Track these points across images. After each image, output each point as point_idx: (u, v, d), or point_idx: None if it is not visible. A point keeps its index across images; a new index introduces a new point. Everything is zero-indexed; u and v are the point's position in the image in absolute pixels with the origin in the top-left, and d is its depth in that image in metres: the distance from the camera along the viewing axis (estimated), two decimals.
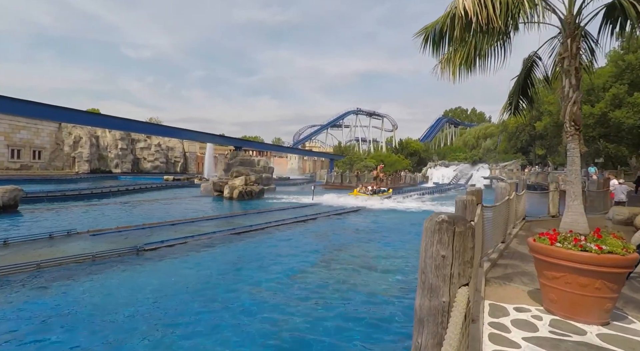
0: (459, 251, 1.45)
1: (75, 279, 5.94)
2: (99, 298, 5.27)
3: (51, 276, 5.95)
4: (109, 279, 6.01)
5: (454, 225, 1.46)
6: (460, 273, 1.45)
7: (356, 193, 23.18)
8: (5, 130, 41.20)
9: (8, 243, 7.65)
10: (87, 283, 5.84)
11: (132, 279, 6.10)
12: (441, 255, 1.45)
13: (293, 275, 6.84)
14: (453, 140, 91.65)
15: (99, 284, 5.83)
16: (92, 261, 6.61)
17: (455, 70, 5.50)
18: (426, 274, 1.49)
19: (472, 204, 3.84)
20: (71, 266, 6.41)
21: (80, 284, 5.75)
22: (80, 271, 6.22)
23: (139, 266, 6.73)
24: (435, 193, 32.51)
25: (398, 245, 9.95)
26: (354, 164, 45.23)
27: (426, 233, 1.51)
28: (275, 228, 11.72)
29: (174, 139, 61.08)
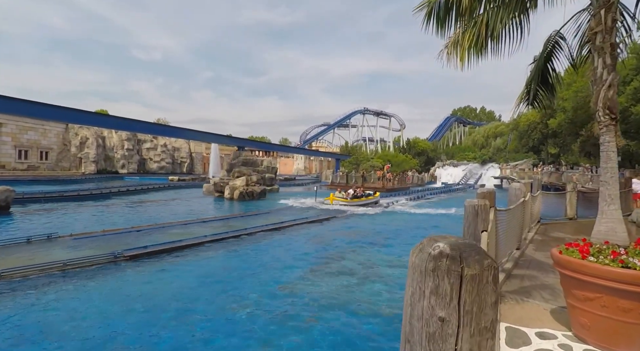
0: (471, 311, 0.80)
1: (31, 293, 5.27)
2: (52, 317, 4.61)
3: (7, 288, 5.34)
4: (71, 293, 5.29)
5: (461, 263, 0.81)
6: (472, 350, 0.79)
7: (332, 199, 18.65)
8: (13, 131, 41.45)
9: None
10: (44, 298, 5.14)
11: (98, 292, 5.45)
12: (438, 317, 0.80)
13: (282, 286, 6.20)
14: (462, 139, 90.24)
15: (58, 299, 5.09)
16: (61, 271, 6.05)
17: (464, 54, 4.80)
18: (412, 345, 0.83)
19: (484, 210, 3.14)
20: (36, 276, 5.82)
21: (34, 300, 5.05)
22: (42, 283, 5.62)
23: (110, 277, 6.10)
24: (442, 193, 31.58)
25: (401, 251, 9.25)
26: (361, 164, 44.46)
27: (413, 274, 0.86)
28: (270, 231, 11.09)
29: (180, 140, 61.07)
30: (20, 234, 9.43)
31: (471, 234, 3.12)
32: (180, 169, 60.53)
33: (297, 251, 9.09)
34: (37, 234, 8.39)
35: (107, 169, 49.55)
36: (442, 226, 13.34)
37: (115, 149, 51.67)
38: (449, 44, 5.11)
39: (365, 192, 20.58)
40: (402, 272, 7.24)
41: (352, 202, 18.50)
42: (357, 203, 18.64)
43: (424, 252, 0.83)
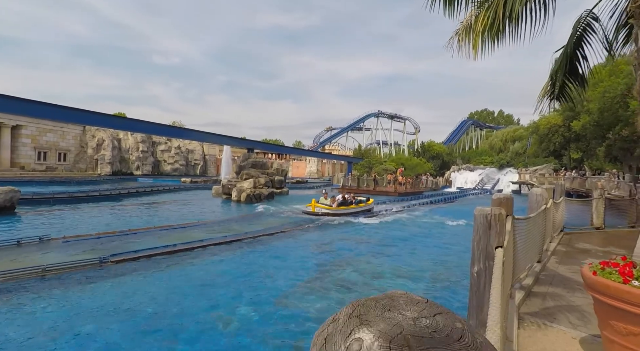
0: None
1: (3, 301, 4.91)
2: (14, 328, 4.21)
3: None
4: (45, 301, 4.91)
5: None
6: None
7: (315, 205, 15.46)
8: (33, 133, 42.54)
9: None
10: (19, 305, 4.79)
11: (75, 301, 5.03)
12: None
13: (278, 299, 5.68)
14: (479, 143, 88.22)
15: (28, 308, 4.75)
16: (40, 277, 5.70)
17: (477, 40, 4.19)
18: None
19: (499, 221, 2.53)
20: (11, 282, 5.47)
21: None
22: (15, 290, 5.27)
23: (91, 284, 5.69)
24: (457, 198, 30.49)
25: (409, 259, 8.59)
26: (373, 167, 43.69)
27: None
28: (271, 236, 10.59)
29: (194, 142, 61.71)
30: (19, 235, 9.24)
31: (482, 251, 2.52)
32: (194, 171, 61.09)
33: (300, 258, 8.57)
34: (29, 236, 8.16)
35: (122, 170, 50.35)
36: (447, 242, 11.20)
37: (131, 151, 52.49)
38: (459, 30, 4.51)
39: (356, 198, 17.53)
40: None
41: (338, 210, 15.60)
42: (344, 211, 15.76)
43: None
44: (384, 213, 18.39)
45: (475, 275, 2.56)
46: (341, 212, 15.67)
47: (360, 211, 16.74)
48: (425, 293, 6.34)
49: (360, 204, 17.19)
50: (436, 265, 7.90)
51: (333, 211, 15.41)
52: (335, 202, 15.93)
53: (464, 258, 8.35)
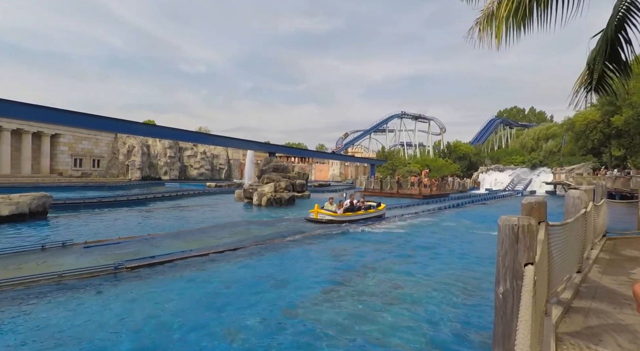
0: None
1: (13, 308, 4.96)
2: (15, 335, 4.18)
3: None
4: (52, 311, 4.85)
5: None
6: None
7: (317, 211, 13.96)
8: (70, 141, 44.89)
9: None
10: (27, 313, 4.79)
11: (83, 308, 4.95)
12: None
13: (288, 310, 5.41)
14: (508, 142, 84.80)
15: (32, 318, 4.69)
16: (57, 283, 5.77)
17: (500, 27, 3.77)
18: None
19: (529, 233, 2.14)
20: (27, 289, 5.53)
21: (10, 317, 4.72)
22: (28, 297, 5.29)
23: (103, 291, 5.63)
24: (486, 200, 29.18)
25: (431, 269, 8.07)
26: (397, 169, 42.80)
27: None
28: (287, 241, 10.35)
29: (219, 147, 63.11)
30: (46, 240, 9.54)
31: (508, 269, 2.14)
32: (219, 176, 62.41)
33: (315, 265, 8.29)
34: (53, 241, 8.38)
35: (151, 175, 52.15)
36: (475, 250, 9.89)
37: (159, 156, 54.31)
38: (480, 19, 4.10)
39: (366, 203, 15.82)
40: None
41: (344, 216, 14.13)
42: (350, 218, 14.29)
43: None
44: (400, 217, 17.14)
45: (500, 297, 2.18)
46: (347, 219, 14.25)
47: (369, 218, 15.29)
48: (447, 310, 5.87)
49: (370, 209, 15.63)
50: (462, 276, 7.35)
51: (338, 217, 13.89)
52: (342, 208, 14.37)
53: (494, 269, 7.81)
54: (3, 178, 34.82)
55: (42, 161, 41.21)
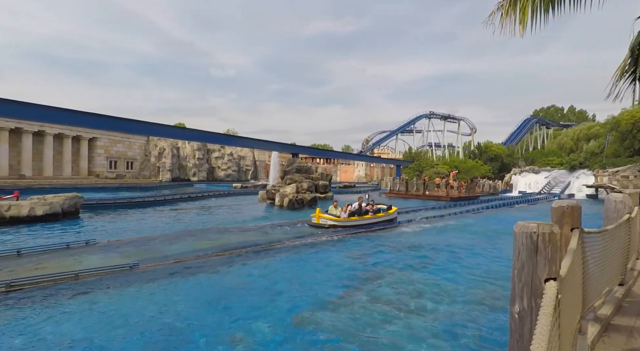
0: None
1: (29, 306, 5.06)
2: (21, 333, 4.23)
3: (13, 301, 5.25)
4: (65, 307, 4.90)
5: None
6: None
7: (319, 216, 12.93)
8: (105, 144, 47.21)
9: (21, 254, 7.51)
10: (35, 312, 4.87)
11: (96, 307, 4.98)
12: None
13: (298, 316, 5.20)
14: (545, 143, 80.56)
15: (45, 314, 4.74)
16: (74, 281, 5.89)
17: (526, 10, 3.38)
18: None
19: (550, 243, 1.80)
20: (49, 287, 5.69)
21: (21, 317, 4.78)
22: (43, 295, 5.40)
23: (116, 290, 5.64)
24: (518, 204, 27.67)
25: (455, 277, 7.58)
26: (424, 170, 41.64)
27: None
28: (300, 243, 10.12)
29: (245, 149, 64.29)
30: (74, 238, 9.91)
31: (525, 285, 1.81)
32: (245, 177, 63.55)
33: (330, 267, 8.04)
34: (77, 240, 8.67)
35: (180, 177, 53.90)
36: (503, 257, 9.03)
37: (188, 158, 56.04)
38: (504, 2, 3.71)
39: (375, 206, 14.51)
40: None
41: (349, 221, 12.92)
42: (356, 223, 13.07)
43: None
44: (423, 220, 16.25)
45: (516, 317, 1.85)
46: (352, 224, 12.98)
47: (378, 222, 13.93)
48: (468, 324, 5.42)
49: (379, 213, 14.21)
50: (487, 287, 6.83)
51: (342, 222, 12.73)
52: (347, 211, 13.18)
53: None
54: (46, 179, 37.14)
55: (80, 164, 43.62)
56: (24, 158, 36.85)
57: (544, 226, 1.79)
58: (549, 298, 1.70)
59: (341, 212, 13.15)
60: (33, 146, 37.64)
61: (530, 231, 1.79)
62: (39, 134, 38.08)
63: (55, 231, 11.18)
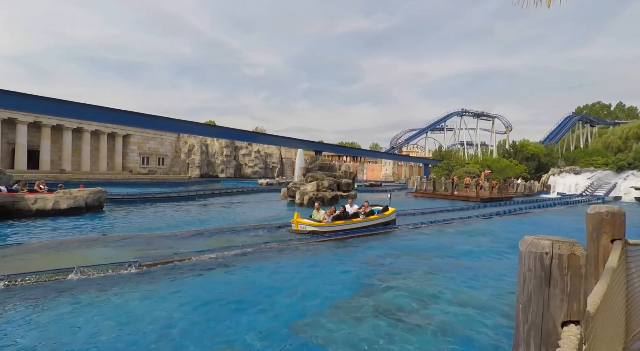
0: None
1: (19, 304, 4.95)
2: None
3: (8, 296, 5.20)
4: (54, 309, 4.81)
5: None
6: None
7: (297, 221, 11.08)
8: (138, 141, 49.12)
9: (28, 247, 7.61)
10: (30, 311, 4.79)
11: (83, 308, 4.77)
12: None
13: (296, 323, 4.79)
14: (588, 142, 75.18)
15: (29, 311, 4.65)
16: (70, 278, 5.79)
17: None
18: None
19: (570, 270, 1.24)
20: (47, 282, 5.63)
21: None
22: (38, 292, 5.34)
23: (108, 291, 5.32)
24: (556, 206, 25.73)
25: (475, 282, 6.86)
26: (453, 169, 39.93)
27: None
28: (306, 243, 9.64)
29: (272, 146, 64.88)
30: (91, 232, 10.09)
31: (533, 327, 1.29)
32: (272, 174, 64.10)
33: (335, 272, 7.58)
34: (89, 234, 8.74)
35: (209, 173, 55.18)
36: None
37: (216, 155, 57.27)
38: None
39: (372, 208, 12.72)
40: None
41: (333, 226, 11.11)
42: (341, 228, 11.21)
43: None
44: (445, 222, 14.66)
45: None
46: (337, 228, 11.15)
47: (371, 226, 11.99)
48: (494, 334, 4.79)
49: (371, 216, 12.27)
50: (509, 302, 6.12)
51: (323, 227, 10.92)
52: (330, 215, 11.35)
53: None
54: (84, 174, 39.15)
55: (115, 159, 45.68)
56: (64, 154, 39.01)
57: (561, 245, 1.25)
58: (568, 347, 1.16)
59: (324, 216, 11.40)
60: (72, 142, 39.79)
61: (540, 251, 1.26)
62: (77, 131, 40.18)
63: (77, 224, 11.46)
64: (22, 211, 11.55)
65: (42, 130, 36.63)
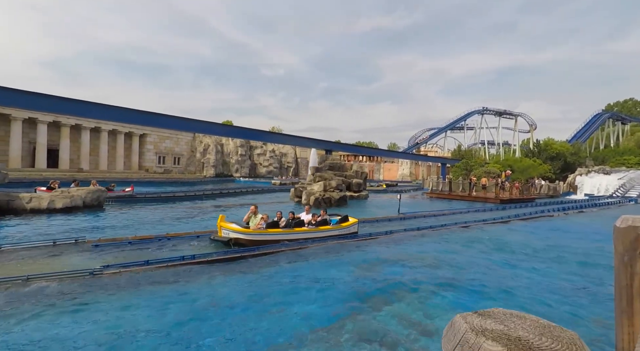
0: None
1: None
2: None
3: None
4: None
5: None
6: None
7: (222, 225, 9.10)
8: (154, 140, 49.78)
9: (2, 250, 7.22)
10: None
11: (23, 324, 4.26)
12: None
13: (278, 348, 4.11)
14: (619, 140, 71.12)
15: None
16: (22, 286, 5.25)
17: None
18: None
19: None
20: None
21: None
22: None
23: (56, 305, 4.74)
24: (584, 208, 23.95)
25: (477, 305, 5.96)
26: (472, 169, 38.28)
27: None
28: (289, 250, 8.83)
29: (287, 146, 64.61)
30: (77, 234, 9.68)
31: None
32: (287, 174, 63.82)
33: (330, 285, 6.82)
34: (66, 237, 8.30)
35: (224, 173, 55.38)
36: (554, 283, 6.80)
37: (231, 155, 57.42)
38: None
39: (322, 217, 10.49)
40: None
41: (265, 234, 9.09)
42: (275, 237, 9.22)
43: None
44: (457, 226, 13.08)
45: None
46: (269, 238, 9.10)
47: (319, 237, 9.85)
48: None
49: (323, 226, 10.21)
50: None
51: (252, 236, 8.91)
52: (263, 223, 9.31)
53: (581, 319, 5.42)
54: (101, 173, 39.92)
55: (132, 158, 46.44)
56: (83, 153, 39.88)
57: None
58: None
59: (260, 221, 9.34)
60: (90, 142, 40.64)
61: None
62: (95, 131, 41.02)
63: (64, 224, 11.05)
64: (17, 210, 11.42)
65: (62, 129, 37.54)
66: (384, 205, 21.29)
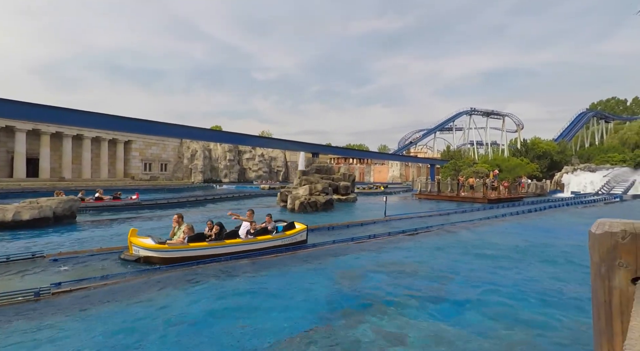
0: None
1: None
2: None
3: None
4: None
5: None
6: None
7: (131, 240, 7.74)
8: (140, 147, 48.81)
9: None
10: None
11: None
12: None
13: None
14: (604, 138, 72.42)
15: None
16: None
17: None
18: None
19: None
20: None
21: None
22: None
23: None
24: (572, 205, 24.02)
25: (464, 315, 5.63)
26: (461, 170, 38.34)
27: None
28: (289, 255, 8.57)
29: (277, 150, 64.04)
30: (48, 247, 9.13)
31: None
32: (277, 178, 63.21)
33: (308, 294, 6.44)
34: (22, 253, 7.67)
35: (212, 178, 54.57)
36: (540, 284, 6.59)
37: (219, 160, 56.67)
38: None
39: (261, 225, 9.14)
40: None
41: (184, 250, 7.64)
42: (199, 252, 7.77)
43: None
44: (443, 227, 13.01)
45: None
46: (190, 254, 7.65)
47: (255, 250, 8.49)
48: None
49: (263, 236, 8.83)
50: (509, 327, 4.89)
51: (165, 252, 7.53)
52: (184, 238, 7.80)
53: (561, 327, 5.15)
54: (84, 181, 38.87)
55: (117, 166, 45.42)
56: (65, 161, 38.81)
57: None
58: None
59: (182, 235, 7.92)
60: (73, 150, 39.59)
61: None
62: (78, 138, 40.00)
63: (30, 239, 10.32)
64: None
65: (42, 138, 36.49)
66: (371, 208, 20.97)
